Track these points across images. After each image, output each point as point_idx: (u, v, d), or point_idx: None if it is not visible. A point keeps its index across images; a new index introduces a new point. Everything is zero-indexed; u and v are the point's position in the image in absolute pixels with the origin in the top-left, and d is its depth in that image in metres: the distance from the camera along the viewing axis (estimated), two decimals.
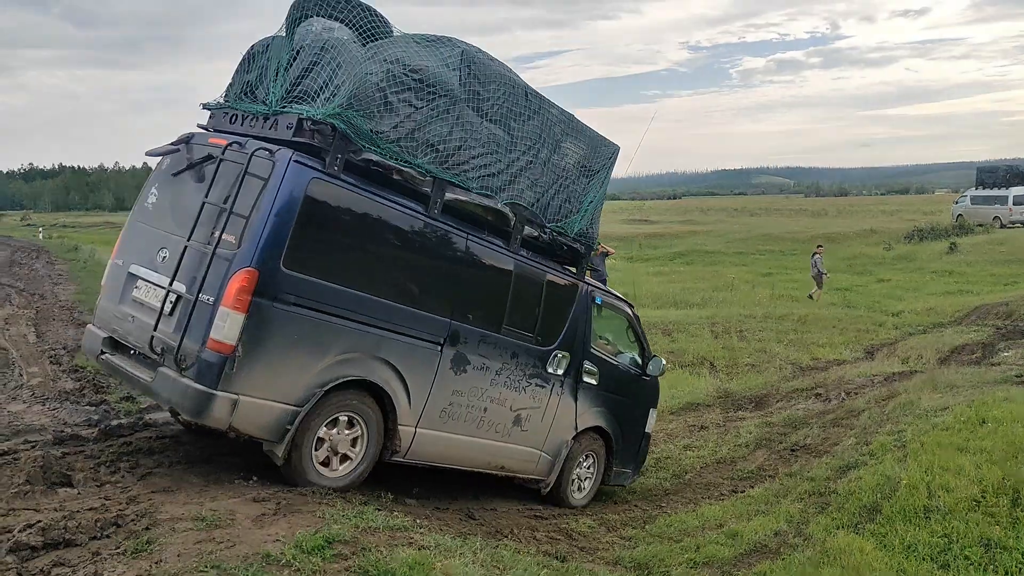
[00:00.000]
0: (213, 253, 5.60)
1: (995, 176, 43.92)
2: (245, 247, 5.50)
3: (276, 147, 5.72)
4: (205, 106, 6.76)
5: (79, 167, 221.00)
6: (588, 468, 8.35)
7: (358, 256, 6.00)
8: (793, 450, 10.39)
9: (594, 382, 8.03)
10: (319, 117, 5.68)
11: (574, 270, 7.86)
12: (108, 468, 6.46)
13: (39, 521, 5.24)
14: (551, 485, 7.94)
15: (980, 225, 39.91)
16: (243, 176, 5.67)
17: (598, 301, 8.04)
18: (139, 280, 6.24)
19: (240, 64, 6.60)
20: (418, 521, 6.21)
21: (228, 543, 5.00)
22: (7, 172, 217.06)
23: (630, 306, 8.76)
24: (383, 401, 6.25)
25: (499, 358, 7.02)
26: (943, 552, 6.74)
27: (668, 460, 10.00)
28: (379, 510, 6.26)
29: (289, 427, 5.80)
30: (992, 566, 6.49)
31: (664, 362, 9.02)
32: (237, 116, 6.37)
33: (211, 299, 5.52)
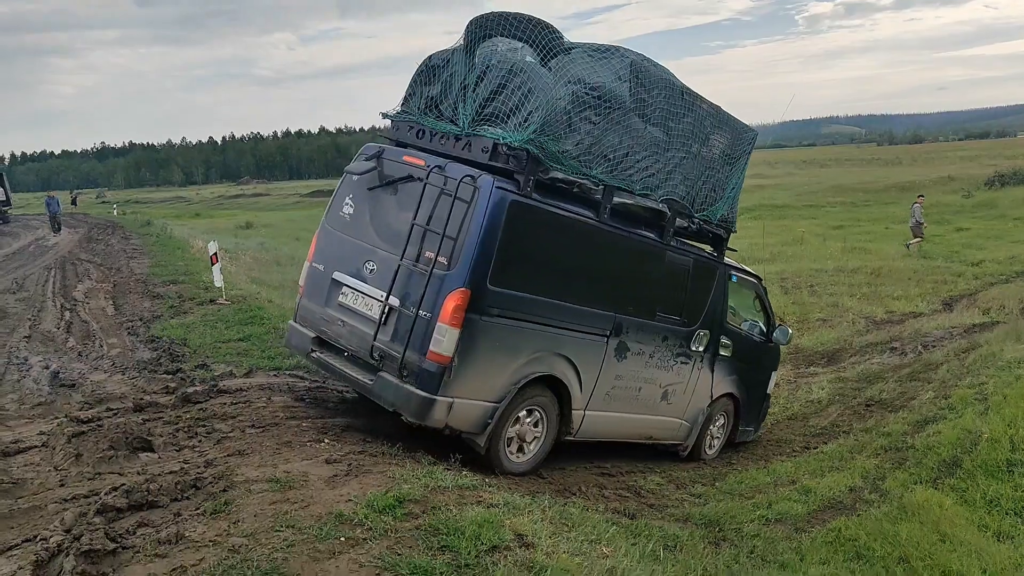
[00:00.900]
0: (430, 273, 6.12)
1: None
2: (458, 269, 6.05)
3: (478, 173, 6.16)
4: (385, 115, 7.14)
5: (148, 144, 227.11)
6: (719, 428, 8.89)
7: (545, 266, 6.51)
8: (868, 405, 10.14)
9: (728, 354, 8.49)
10: (516, 143, 6.05)
11: (715, 252, 8.21)
12: (186, 433, 6.67)
13: (123, 484, 5.44)
14: (689, 448, 8.47)
15: None
16: (452, 202, 6.11)
17: (733, 279, 8.48)
18: (344, 287, 6.82)
19: (418, 75, 6.95)
20: (487, 480, 6.27)
21: (302, 503, 5.12)
22: (81, 152, 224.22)
23: (758, 279, 9.10)
24: (560, 391, 6.81)
25: (652, 342, 7.54)
26: None
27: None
28: (448, 470, 6.34)
29: (490, 421, 6.42)
30: None
31: (791, 331, 9.50)
32: (424, 131, 6.78)
33: (429, 315, 6.09)
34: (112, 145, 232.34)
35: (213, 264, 13.91)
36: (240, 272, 19.17)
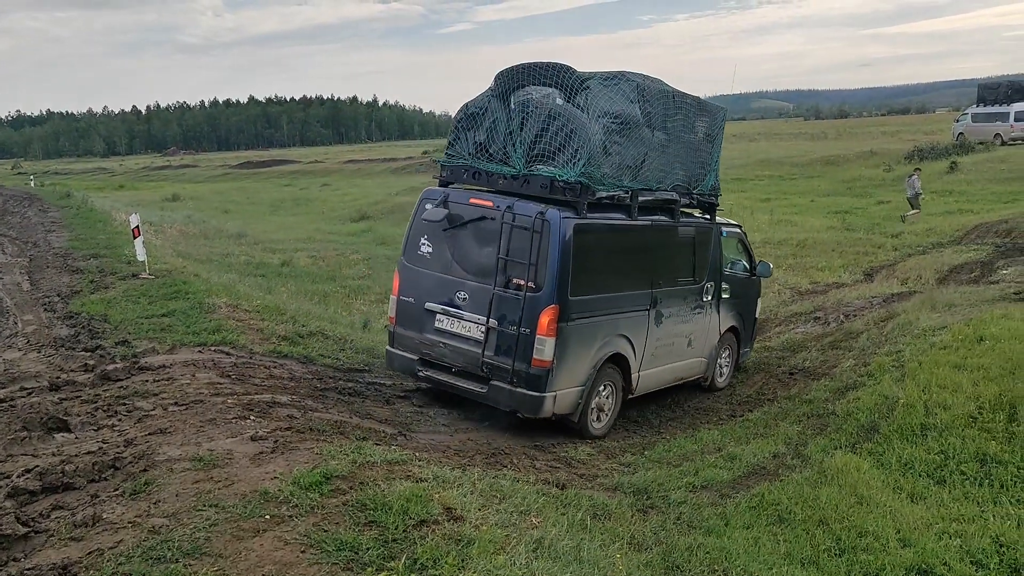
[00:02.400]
0: (524, 297, 7.41)
1: (996, 93, 43.10)
2: (545, 290, 7.38)
3: (545, 208, 7.46)
4: (441, 163, 8.38)
5: (67, 112, 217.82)
6: (726, 359, 10.40)
7: (601, 267, 7.88)
8: (791, 374, 10.42)
9: (728, 295, 10.06)
10: (571, 179, 7.42)
11: (709, 217, 9.71)
12: (104, 412, 6.47)
13: (37, 466, 5.25)
14: (707, 378, 10.01)
15: (981, 143, 39.37)
16: (531, 236, 7.40)
17: (724, 235, 9.97)
18: (438, 315, 8.02)
19: (459, 123, 8.23)
20: (417, 454, 6.24)
21: (226, 482, 5.02)
22: None
23: (739, 227, 10.67)
24: (621, 363, 8.25)
25: (677, 304, 9.04)
26: (939, 468, 6.79)
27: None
28: (377, 444, 6.30)
29: (580, 401, 7.85)
30: (988, 480, 6.54)
31: (771, 265, 11.36)
32: (479, 173, 8.00)
33: (528, 331, 7.40)
34: (28, 114, 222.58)
35: (135, 237, 13.46)
36: (166, 246, 18.62)
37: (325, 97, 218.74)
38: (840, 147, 49.45)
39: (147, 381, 7.30)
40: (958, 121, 45.77)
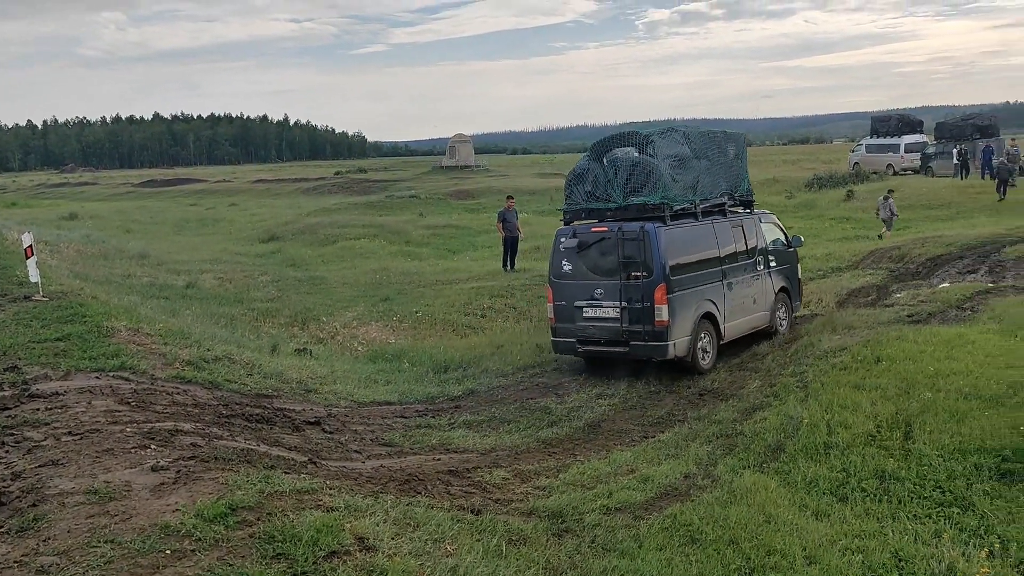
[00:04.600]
0: (643, 282, 11.06)
1: (888, 125, 45.61)
2: (655, 275, 11.04)
3: (642, 223, 11.24)
4: (564, 210, 12.28)
5: None
6: (783, 313, 13.64)
7: (687, 255, 11.55)
8: (701, 395, 10.62)
9: (775, 264, 13.45)
10: (655, 201, 11.41)
11: (750, 211, 13.55)
12: None
13: None
14: (773, 327, 13.22)
15: (875, 172, 41.40)
16: (639, 242, 11.11)
17: (762, 221, 13.54)
18: (584, 308, 11.51)
19: (570, 182, 12.32)
20: (328, 482, 6.07)
21: (123, 516, 4.77)
22: None
23: (774, 215, 14.59)
24: (712, 318, 11.81)
25: (740, 274, 12.57)
26: (842, 486, 7.01)
27: (580, 409, 10.07)
28: (286, 473, 6.10)
29: (691, 346, 11.36)
30: (887, 496, 6.78)
31: (802, 238, 15.20)
32: (593, 211, 11.92)
33: (649, 304, 11.01)
34: None
35: (28, 257, 12.77)
36: (62, 266, 17.77)
37: (234, 115, 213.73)
38: None
39: (38, 409, 6.89)
40: (854, 151, 48.12)
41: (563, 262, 11.71)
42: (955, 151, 38.15)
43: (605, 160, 11.93)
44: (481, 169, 76.07)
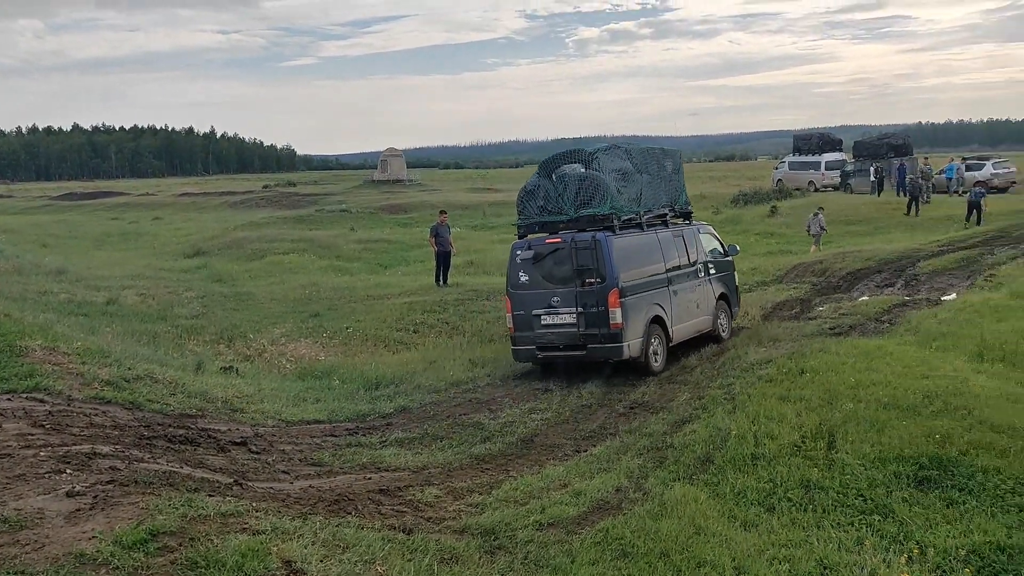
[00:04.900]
0: (597, 288, 11.76)
1: (809, 143, 47.17)
2: (608, 281, 11.74)
3: (593, 233, 11.99)
4: (518, 225, 12.99)
5: None
6: (724, 318, 14.35)
7: (635, 263, 12.34)
8: (632, 408, 10.71)
9: (714, 272, 14.27)
10: (604, 213, 12.15)
11: (688, 222, 14.64)
12: None
13: None
14: (716, 331, 13.97)
15: (797, 189, 42.69)
16: (591, 251, 11.82)
17: (701, 232, 14.45)
18: (543, 316, 12.09)
19: (522, 200, 12.94)
20: (254, 504, 5.91)
21: (35, 545, 4.55)
22: None
23: (711, 226, 15.68)
24: (661, 321, 12.54)
25: (684, 281, 13.36)
26: (769, 496, 7.14)
27: (513, 424, 10.05)
28: (210, 496, 5.92)
29: (643, 347, 12.03)
30: (811, 506, 6.94)
31: (738, 247, 16.11)
32: (546, 224, 12.59)
33: (604, 308, 11.69)
34: None
35: None
36: None
37: (159, 127, 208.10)
38: None
39: None
40: (777, 168, 49.53)
41: (520, 273, 12.28)
42: (872, 169, 39.64)
43: (554, 176, 12.64)
44: (413, 183, 75.81)
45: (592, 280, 11.71)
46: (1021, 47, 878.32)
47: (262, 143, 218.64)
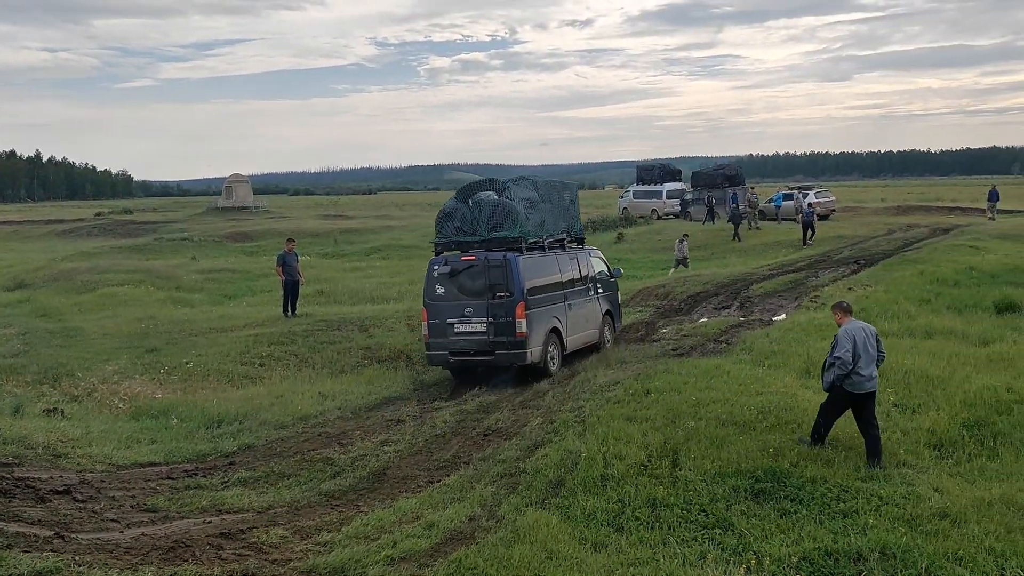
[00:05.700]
0: (506, 301, 13.36)
1: (651, 174, 49.43)
2: (516, 295, 13.36)
3: (503, 252, 13.64)
4: (436, 243, 14.54)
5: None
6: (608, 331, 16.16)
7: (539, 280, 13.97)
8: (486, 435, 10.69)
9: (602, 290, 16.10)
10: (514, 236, 13.86)
11: (582, 246, 16.55)
12: None
13: None
14: (600, 343, 15.62)
15: (641, 217, 44.62)
16: (502, 268, 13.42)
17: (591, 255, 16.37)
18: (456, 325, 13.65)
19: (440, 221, 14.65)
20: (77, 559, 5.44)
21: None
22: None
23: (599, 251, 17.48)
24: (558, 332, 14.19)
25: (577, 298, 15.08)
26: (618, 516, 7.27)
27: (365, 458, 9.79)
28: (26, 552, 5.40)
29: (543, 353, 13.75)
30: (658, 523, 7.12)
31: (622, 269, 19.09)
32: (461, 243, 14.21)
33: (511, 319, 13.34)
34: None
35: None
36: None
37: None
38: None
39: None
40: (622, 197, 51.59)
41: (436, 286, 13.84)
42: (706, 198, 41.99)
43: (470, 202, 14.31)
44: (260, 210, 73.63)
45: (502, 294, 13.30)
46: (837, 86, 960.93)
47: (94, 168, 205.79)
